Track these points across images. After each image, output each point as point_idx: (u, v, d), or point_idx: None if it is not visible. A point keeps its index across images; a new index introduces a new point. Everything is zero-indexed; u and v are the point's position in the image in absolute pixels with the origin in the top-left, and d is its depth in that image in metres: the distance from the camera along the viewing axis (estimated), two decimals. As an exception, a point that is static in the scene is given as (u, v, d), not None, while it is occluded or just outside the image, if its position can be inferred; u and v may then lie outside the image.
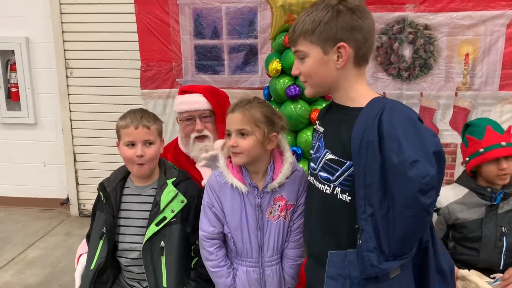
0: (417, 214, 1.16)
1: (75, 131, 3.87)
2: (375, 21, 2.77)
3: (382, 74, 2.88)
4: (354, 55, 1.27)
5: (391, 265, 1.22)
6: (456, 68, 2.82)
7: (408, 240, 1.22)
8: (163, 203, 1.70)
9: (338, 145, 1.29)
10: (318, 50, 1.28)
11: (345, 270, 1.26)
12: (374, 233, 1.20)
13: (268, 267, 1.61)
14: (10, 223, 3.81)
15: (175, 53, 3.11)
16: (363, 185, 1.21)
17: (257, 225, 1.58)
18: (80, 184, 3.99)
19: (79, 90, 3.77)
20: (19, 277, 2.99)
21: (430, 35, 2.79)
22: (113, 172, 1.85)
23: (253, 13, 2.99)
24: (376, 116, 1.20)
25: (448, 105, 2.88)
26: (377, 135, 1.18)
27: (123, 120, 1.73)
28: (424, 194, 1.13)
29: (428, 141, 1.16)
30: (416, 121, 1.20)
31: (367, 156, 1.19)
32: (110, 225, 1.72)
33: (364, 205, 1.21)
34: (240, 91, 3.08)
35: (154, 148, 1.74)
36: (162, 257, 1.70)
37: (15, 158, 4.03)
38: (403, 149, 1.13)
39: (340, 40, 1.25)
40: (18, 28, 3.74)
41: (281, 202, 1.58)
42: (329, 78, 1.31)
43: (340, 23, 1.24)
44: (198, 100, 2.03)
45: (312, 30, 1.27)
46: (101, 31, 3.59)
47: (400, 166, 1.13)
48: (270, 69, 2.36)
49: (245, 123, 1.52)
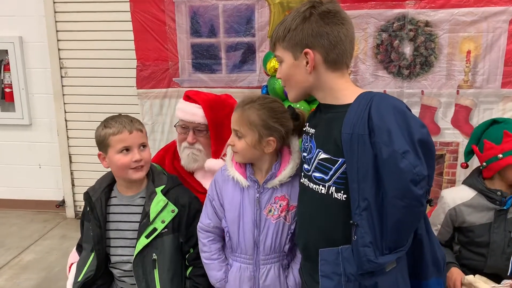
0: (410, 204, 1.15)
1: (70, 132, 3.81)
2: (375, 18, 2.76)
3: (383, 72, 2.83)
4: (323, 60, 1.30)
5: (387, 259, 1.22)
6: (458, 65, 2.77)
7: (402, 231, 1.22)
8: (153, 213, 1.64)
9: (330, 143, 1.29)
10: (290, 55, 1.34)
11: (339, 267, 1.25)
12: (369, 228, 1.19)
13: (263, 265, 1.58)
14: (5, 226, 3.75)
15: (171, 52, 3.05)
16: (356, 180, 1.20)
17: (254, 221, 1.55)
18: (76, 186, 3.94)
19: (74, 90, 3.72)
20: (13, 281, 2.93)
21: (431, 32, 2.74)
22: (97, 180, 1.78)
23: (250, 11, 2.93)
24: (365, 109, 1.20)
25: (449, 103, 2.83)
26: (367, 128, 1.18)
27: (111, 128, 1.64)
28: (416, 184, 1.13)
29: (414, 130, 1.16)
30: (405, 110, 1.21)
31: (358, 150, 1.19)
32: (97, 237, 1.66)
33: (358, 200, 1.20)
34: (238, 91, 3.03)
35: (149, 151, 1.70)
36: (155, 270, 1.64)
37: (10, 159, 3.97)
38: (393, 140, 1.14)
39: (305, 46, 1.29)
40: (11, 28, 3.68)
41: (282, 201, 1.55)
42: (304, 83, 1.35)
43: (305, 30, 1.28)
44: (195, 113, 1.89)
45: (283, 37, 1.33)
46: (96, 30, 3.53)
47: (391, 157, 1.13)
48: (268, 67, 2.31)
49: (240, 124, 1.51)
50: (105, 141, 1.65)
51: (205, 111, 1.89)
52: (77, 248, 1.83)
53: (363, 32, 2.78)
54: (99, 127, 1.68)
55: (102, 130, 1.65)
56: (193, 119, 1.89)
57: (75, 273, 1.70)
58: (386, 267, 1.24)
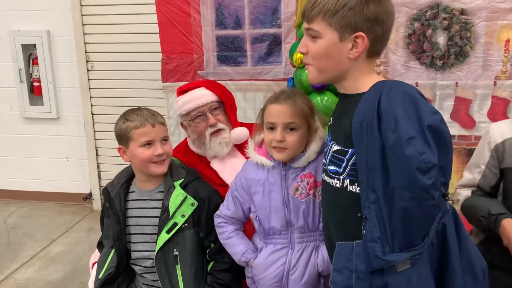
0: (418, 196, 1.06)
1: (97, 125, 3.84)
2: (407, 6, 2.64)
3: (415, 63, 2.71)
4: (369, 48, 1.20)
5: (397, 257, 1.11)
6: (495, 55, 2.62)
7: (413, 227, 1.11)
8: (172, 208, 1.60)
9: (341, 134, 1.23)
10: (335, 34, 1.18)
11: (352, 262, 1.17)
12: (378, 222, 1.11)
13: (298, 243, 1.54)
14: (35, 217, 3.82)
15: (196, 44, 3.00)
16: (366, 171, 1.13)
17: (283, 201, 1.51)
18: (103, 179, 3.97)
19: (100, 84, 3.73)
20: (41, 273, 2.98)
21: (466, 20, 2.60)
22: (116, 175, 1.76)
23: (276, 1, 2.85)
24: (376, 97, 1.12)
25: (486, 95, 2.69)
26: (377, 116, 1.10)
27: (132, 121, 1.60)
28: (423, 173, 1.04)
29: (423, 115, 1.06)
30: (416, 95, 1.11)
31: (367, 139, 1.12)
32: (117, 233, 1.63)
33: (367, 192, 1.13)
34: (263, 83, 2.97)
35: (170, 144, 1.67)
36: (177, 266, 1.60)
37: (38, 152, 4.03)
38: (399, 125, 1.05)
39: (360, 29, 1.17)
40: (39, 22, 3.72)
41: (309, 179, 1.51)
42: (338, 66, 1.23)
43: (365, 12, 1.16)
44: (204, 94, 1.91)
45: (334, 12, 1.17)
46: (121, 23, 3.53)
47: (396, 144, 1.05)
48: (294, 59, 2.23)
49: (295, 117, 1.45)
50: (127, 135, 1.61)
51: (210, 88, 1.92)
52: (98, 245, 1.81)
53: (394, 21, 2.66)
54: (119, 120, 1.65)
55: (123, 124, 1.62)
56: (205, 100, 1.89)
57: (96, 270, 1.68)
58: (397, 267, 1.13)
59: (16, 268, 3.02)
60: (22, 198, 4.11)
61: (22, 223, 3.72)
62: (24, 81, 3.84)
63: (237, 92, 2.92)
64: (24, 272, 2.98)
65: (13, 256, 3.18)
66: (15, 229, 3.62)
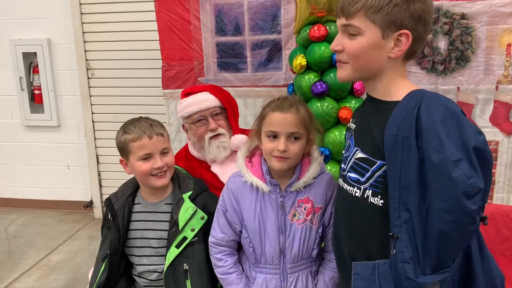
0: (460, 221, 1.01)
1: (98, 133, 3.83)
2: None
3: (415, 68, 2.70)
4: (410, 47, 1.14)
5: (429, 279, 1.07)
6: (497, 59, 2.61)
7: (448, 250, 1.06)
8: (182, 222, 1.55)
9: (369, 142, 1.17)
10: (377, 31, 1.12)
11: (375, 283, 1.12)
12: (410, 242, 1.07)
13: (290, 273, 1.48)
14: (35, 226, 3.81)
15: (196, 51, 3.00)
16: (398, 187, 1.07)
17: (279, 228, 1.45)
18: (104, 187, 3.95)
19: (101, 91, 3.73)
20: (42, 282, 2.95)
21: (467, 25, 2.59)
22: (120, 186, 1.71)
23: (276, 7, 2.85)
24: (414, 110, 1.06)
25: (488, 100, 2.67)
26: (414, 131, 1.05)
27: (130, 133, 1.55)
28: (469, 198, 0.99)
29: (469, 135, 1.01)
30: (459, 114, 1.06)
31: (402, 154, 1.06)
32: (114, 248, 1.59)
33: (399, 210, 1.07)
34: (263, 89, 2.96)
35: (171, 155, 1.61)
36: (187, 281, 1.54)
37: (39, 160, 4.02)
38: (445, 145, 1.00)
39: (404, 27, 1.11)
40: (40, 30, 3.72)
41: (307, 204, 1.46)
42: (376, 65, 1.16)
43: (411, 9, 1.10)
44: (207, 98, 1.92)
45: (378, 8, 1.11)
46: (121, 31, 3.52)
47: (441, 165, 0.99)
48: (294, 65, 2.22)
49: (299, 126, 1.40)
50: (126, 148, 1.57)
51: (214, 93, 1.94)
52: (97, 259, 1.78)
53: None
54: (118, 132, 1.61)
55: (122, 136, 1.58)
56: (208, 104, 1.91)
57: (90, 282, 1.66)
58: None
59: (16, 277, 3.00)
60: (23, 206, 4.10)
61: (23, 232, 3.71)
62: (25, 89, 3.85)
63: (237, 98, 2.88)
64: (24, 281, 2.96)
65: (14, 265, 3.16)
66: (16, 237, 3.60)
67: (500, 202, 2.71)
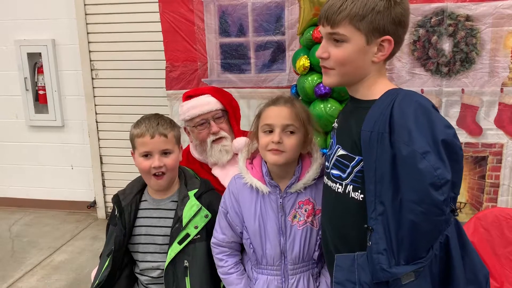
0: (429, 211, 1.04)
1: (101, 133, 3.84)
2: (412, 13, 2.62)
3: (420, 70, 2.68)
4: (391, 51, 1.21)
5: (402, 270, 1.11)
6: (502, 61, 2.59)
7: (420, 241, 1.10)
8: (186, 218, 1.56)
9: (348, 139, 1.22)
10: (362, 38, 1.18)
11: (354, 274, 1.16)
12: (384, 234, 1.10)
13: (292, 275, 1.48)
14: (39, 226, 3.82)
15: (200, 52, 3.00)
16: (374, 181, 1.12)
17: (279, 229, 1.46)
18: (107, 187, 3.96)
19: (105, 92, 3.74)
20: (44, 282, 2.96)
21: (472, 26, 2.58)
22: (128, 183, 1.73)
23: (280, 9, 2.85)
24: (388, 107, 1.11)
25: (492, 102, 2.65)
26: (388, 126, 1.09)
27: (137, 128, 1.58)
28: (436, 189, 1.03)
29: (437, 129, 1.05)
30: (430, 109, 1.10)
31: (377, 149, 1.11)
32: (118, 244, 1.59)
33: (375, 203, 1.12)
34: (267, 91, 2.96)
35: (173, 158, 1.60)
36: (186, 278, 1.55)
37: (43, 160, 4.04)
38: (413, 139, 1.04)
39: (387, 33, 1.17)
40: (44, 31, 3.74)
41: (307, 206, 1.46)
42: (360, 70, 1.22)
43: (392, 15, 1.16)
44: (209, 101, 1.91)
45: (362, 16, 1.16)
46: (126, 32, 3.54)
47: (409, 157, 1.04)
48: (297, 66, 2.21)
49: (294, 119, 1.41)
50: (133, 141, 1.62)
51: (216, 97, 1.93)
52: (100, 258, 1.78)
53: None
54: (133, 124, 1.64)
55: (133, 129, 1.62)
56: (210, 107, 1.90)
57: (93, 279, 1.66)
58: (402, 279, 1.12)
59: (19, 277, 3.01)
60: (26, 206, 4.12)
61: (26, 231, 3.72)
62: (29, 89, 3.86)
63: (241, 99, 2.90)
64: (27, 281, 2.97)
65: (17, 264, 3.17)
66: (19, 237, 3.62)
67: (505, 205, 2.69)
